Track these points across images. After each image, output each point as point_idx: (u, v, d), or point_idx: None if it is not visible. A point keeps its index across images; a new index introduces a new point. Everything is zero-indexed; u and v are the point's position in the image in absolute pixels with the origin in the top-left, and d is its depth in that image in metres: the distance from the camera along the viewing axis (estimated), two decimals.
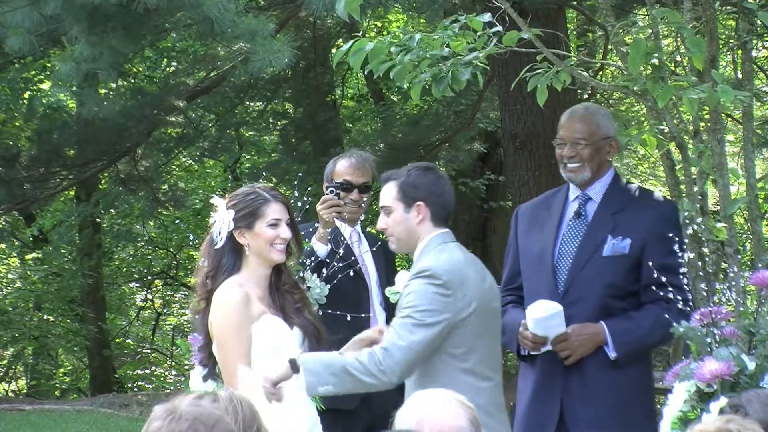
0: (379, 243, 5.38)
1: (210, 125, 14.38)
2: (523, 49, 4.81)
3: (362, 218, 5.51)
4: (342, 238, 5.31)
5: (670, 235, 4.53)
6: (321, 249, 5.16)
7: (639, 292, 4.74)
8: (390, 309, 5.10)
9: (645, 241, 4.71)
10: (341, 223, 5.35)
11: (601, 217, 4.80)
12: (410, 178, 4.40)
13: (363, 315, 5.22)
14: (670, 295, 4.45)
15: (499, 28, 4.69)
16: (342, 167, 5.38)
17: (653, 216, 4.76)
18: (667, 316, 4.45)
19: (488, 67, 5.09)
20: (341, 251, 5.17)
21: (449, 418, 2.99)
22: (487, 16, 4.71)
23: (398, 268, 5.44)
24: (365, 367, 4.13)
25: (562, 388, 4.74)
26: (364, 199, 5.41)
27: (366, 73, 4.83)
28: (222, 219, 4.45)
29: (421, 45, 4.69)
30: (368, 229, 6.05)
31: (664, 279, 4.43)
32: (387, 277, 5.30)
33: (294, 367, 4.15)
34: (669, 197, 5.04)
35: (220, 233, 4.44)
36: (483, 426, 3.18)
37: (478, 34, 4.71)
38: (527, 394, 4.84)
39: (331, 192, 5.21)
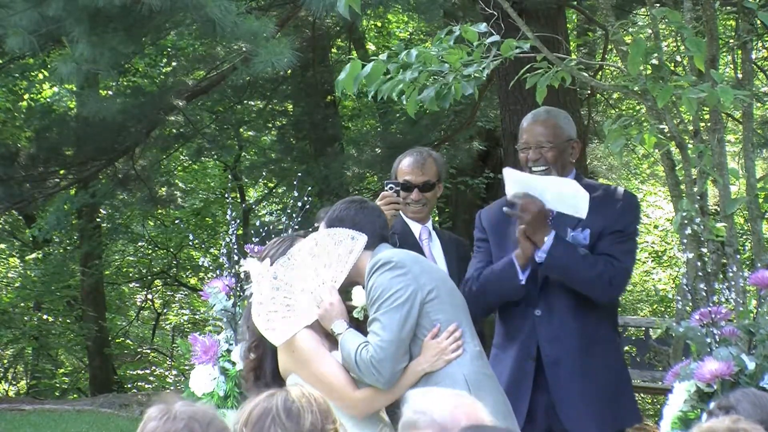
0: (453, 240, 5.38)
1: (209, 123, 14.39)
2: (523, 54, 4.82)
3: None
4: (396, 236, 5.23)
5: (626, 225, 4.71)
6: None
7: None
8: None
9: (603, 229, 4.75)
10: (411, 221, 5.31)
11: (566, 216, 4.81)
12: (334, 214, 4.42)
13: None
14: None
15: (497, 37, 4.69)
16: (403, 166, 5.34)
17: (615, 209, 4.79)
18: (609, 269, 4.64)
19: (485, 78, 5.10)
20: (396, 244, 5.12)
21: (481, 410, 2.92)
22: (483, 27, 4.72)
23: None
24: (366, 366, 4.12)
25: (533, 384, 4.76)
26: (427, 197, 5.34)
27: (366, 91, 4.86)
28: (260, 273, 4.44)
29: (419, 60, 4.71)
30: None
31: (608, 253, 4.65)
32: (459, 275, 5.15)
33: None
34: (669, 196, 5.07)
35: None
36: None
37: (476, 44, 4.71)
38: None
39: (390, 189, 5.19)
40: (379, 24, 16.01)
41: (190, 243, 18.36)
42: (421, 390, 3.18)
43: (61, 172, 12.44)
